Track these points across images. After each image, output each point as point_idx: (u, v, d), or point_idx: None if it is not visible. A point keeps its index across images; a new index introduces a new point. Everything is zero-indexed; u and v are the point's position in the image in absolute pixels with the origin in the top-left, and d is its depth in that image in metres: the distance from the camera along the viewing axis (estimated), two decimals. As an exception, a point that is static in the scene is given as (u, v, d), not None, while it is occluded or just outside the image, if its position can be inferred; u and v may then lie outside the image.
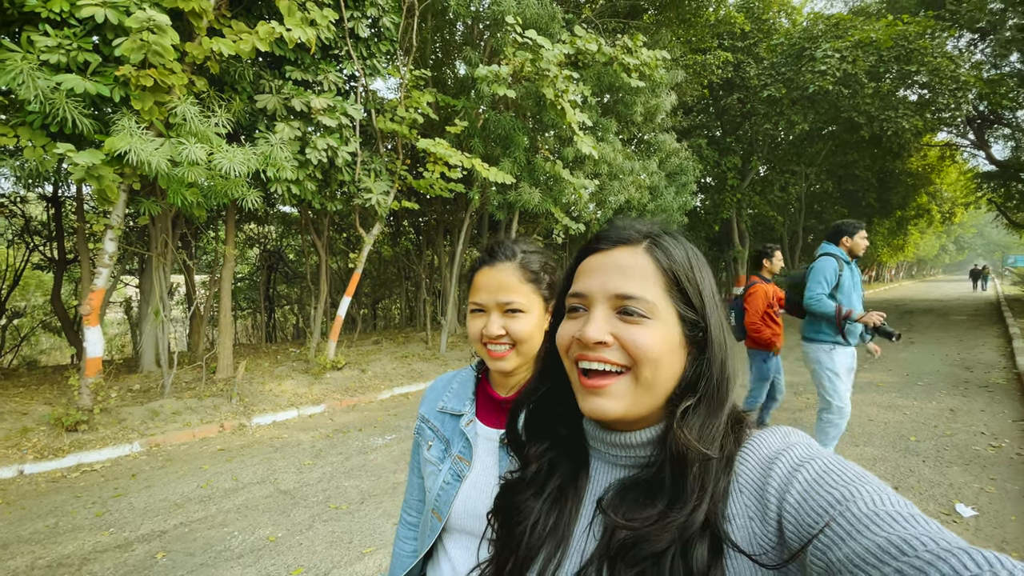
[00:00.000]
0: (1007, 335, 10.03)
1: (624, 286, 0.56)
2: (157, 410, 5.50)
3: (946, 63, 10.76)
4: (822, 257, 3.61)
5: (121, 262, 8.74)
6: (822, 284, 3.51)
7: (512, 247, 0.97)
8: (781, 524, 0.47)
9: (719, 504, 0.51)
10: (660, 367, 0.55)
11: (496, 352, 0.93)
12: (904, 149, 16.64)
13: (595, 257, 0.61)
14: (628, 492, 0.57)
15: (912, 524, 0.40)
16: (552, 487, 0.65)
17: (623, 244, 0.59)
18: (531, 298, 0.94)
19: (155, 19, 4.21)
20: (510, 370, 0.94)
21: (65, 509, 3.67)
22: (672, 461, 0.54)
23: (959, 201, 24.80)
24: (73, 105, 4.34)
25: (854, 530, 0.42)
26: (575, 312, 0.60)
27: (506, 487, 0.70)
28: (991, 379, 6.61)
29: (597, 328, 0.55)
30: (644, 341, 0.54)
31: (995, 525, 3.07)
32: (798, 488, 0.47)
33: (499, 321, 0.92)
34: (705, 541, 0.50)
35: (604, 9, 10.16)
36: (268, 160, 5.38)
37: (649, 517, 0.52)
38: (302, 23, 5.33)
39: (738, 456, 0.54)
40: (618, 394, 0.55)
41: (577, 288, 0.60)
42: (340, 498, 3.74)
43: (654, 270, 0.57)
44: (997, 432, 4.64)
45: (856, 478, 0.46)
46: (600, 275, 0.58)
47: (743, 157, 16.05)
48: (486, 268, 0.95)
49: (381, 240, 12.80)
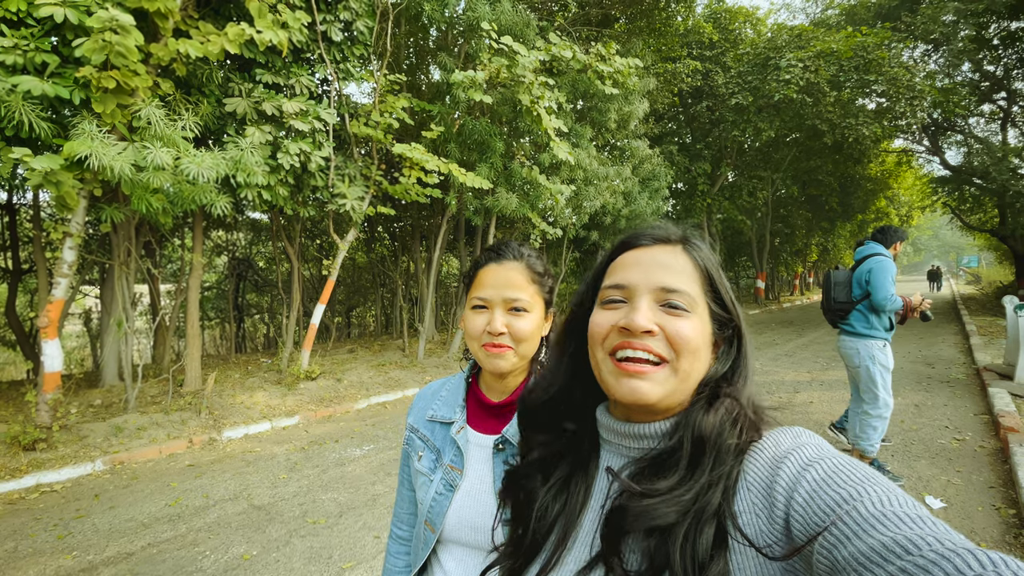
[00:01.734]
0: (964, 332, 10.50)
1: (669, 280, 0.59)
2: (121, 426, 5.27)
3: (902, 73, 11.26)
4: (880, 258, 3.66)
5: (81, 272, 8.38)
6: (892, 284, 3.58)
7: (518, 248, 0.97)
8: (788, 522, 0.48)
9: (730, 495, 0.52)
10: (698, 359, 0.58)
11: (496, 350, 0.91)
12: (864, 155, 17.36)
13: (635, 252, 0.63)
14: (643, 468, 0.59)
15: (918, 524, 0.41)
16: (560, 472, 0.67)
17: (663, 243, 0.63)
18: (535, 299, 0.94)
19: (118, 19, 4.06)
20: (507, 370, 0.93)
21: (24, 532, 3.47)
22: (693, 441, 0.56)
23: (916, 205, 25.95)
24: (30, 108, 4.15)
25: (860, 529, 0.42)
26: (612, 304, 0.62)
27: (512, 472, 0.73)
28: (952, 375, 6.89)
29: (645, 316, 0.58)
30: (687, 332, 0.57)
31: (963, 516, 3.18)
32: (806, 487, 0.48)
33: (503, 318, 0.91)
34: (712, 528, 0.51)
35: (577, 17, 10.27)
36: (238, 165, 5.23)
37: (661, 488, 0.54)
38: (273, 25, 5.23)
39: (748, 453, 0.55)
40: (658, 380, 0.57)
41: (617, 280, 0.62)
42: (317, 512, 3.63)
43: (692, 268, 0.61)
44: (960, 426, 4.83)
45: (865, 479, 0.47)
46: (643, 269, 0.61)
47: (712, 163, 16.44)
48: (492, 265, 0.94)
49: (356, 246, 12.60)
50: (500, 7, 7.54)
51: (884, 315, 3.69)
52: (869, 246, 3.83)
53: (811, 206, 22.18)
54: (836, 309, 3.90)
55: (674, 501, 0.52)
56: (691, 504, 0.52)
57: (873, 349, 3.67)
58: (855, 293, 3.78)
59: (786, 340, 11.00)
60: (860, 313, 3.73)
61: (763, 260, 20.75)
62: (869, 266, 3.68)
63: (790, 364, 8.23)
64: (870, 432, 3.70)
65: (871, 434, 3.69)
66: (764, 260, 20.81)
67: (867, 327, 3.71)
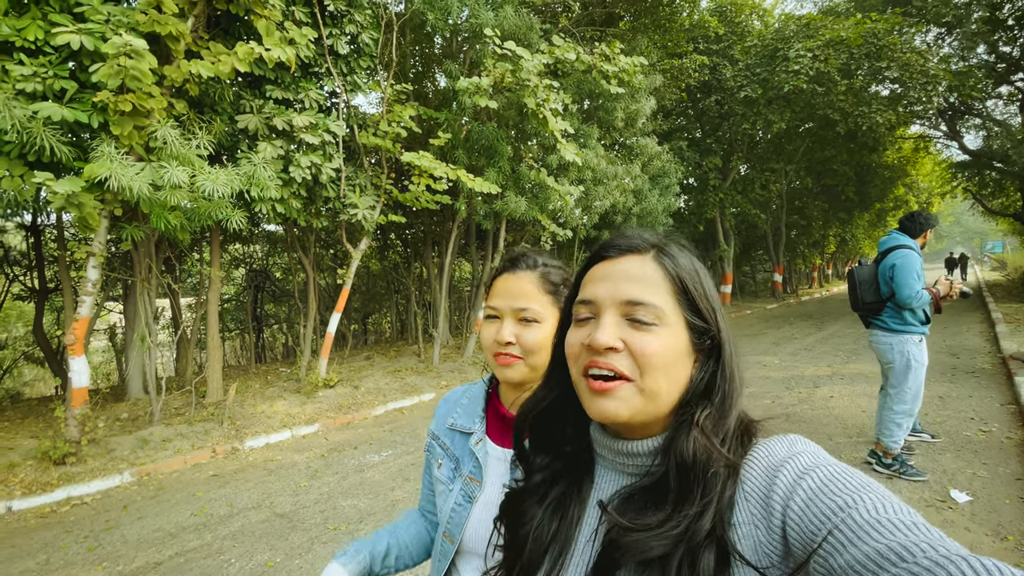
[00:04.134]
0: (990, 320, 10.23)
1: (633, 292, 0.57)
2: (147, 438, 5.40)
3: (915, 58, 11.04)
4: (903, 251, 3.49)
5: (104, 289, 8.61)
6: (919, 280, 3.43)
7: (535, 258, 0.96)
8: (785, 531, 0.48)
9: (725, 513, 0.51)
10: (666, 376, 0.56)
11: (505, 360, 0.91)
12: (879, 143, 17.02)
13: (603, 265, 0.61)
14: (633, 497, 0.57)
15: (914, 531, 0.41)
16: (555, 494, 0.66)
17: (631, 252, 0.60)
18: (548, 309, 0.92)
19: (132, 44, 4.18)
20: (517, 380, 0.92)
21: (56, 545, 3.58)
22: (677, 469, 0.54)
23: (935, 191, 25.35)
24: (51, 133, 4.29)
25: (856, 536, 0.42)
26: (583, 320, 0.61)
27: (511, 494, 0.71)
28: (977, 364, 6.73)
29: (607, 333, 0.56)
30: (652, 348, 0.55)
31: (990, 509, 3.12)
32: (802, 495, 0.48)
33: (512, 328, 0.91)
34: (712, 551, 0.50)
35: (580, 18, 10.28)
36: (251, 180, 5.34)
37: (651, 523, 0.53)
38: (281, 42, 5.33)
39: (744, 464, 0.54)
40: (624, 398, 0.56)
41: (585, 295, 0.61)
42: (338, 519, 3.69)
43: (662, 277, 0.58)
44: (986, 417, 4.72)
45: (861, 486, 0.47)
46: (609, 282, 0.59)
47: (723, 157, 16.28)
48: (507, 275, 0.95)
49: (369, 254, 12.74)
50: (503, 12, 7.58)
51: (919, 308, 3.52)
52: (893, 236, 3.65)
53: (827, 197, 21.78)
54: (866, 308, 3.76)
55: (664, 535, 0.51)
56: (683, 535, 0.51)
57: (907, 344, 3.54)
58: (883, 290, 3.63)
59: (805, 334, 10.83)
60: (891, 309, 3.58)
61: (779, 253, 20.44)
62: (892, 261, 3.52)
63: (810, 358, 8.11)
64: (894, 428, 3.61)
65: (895, 431, 3.60)
66: (780, 253, 20.51)
67: (900, 323, 3.55)
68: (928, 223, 3.64)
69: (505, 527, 0.69)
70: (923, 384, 3.61)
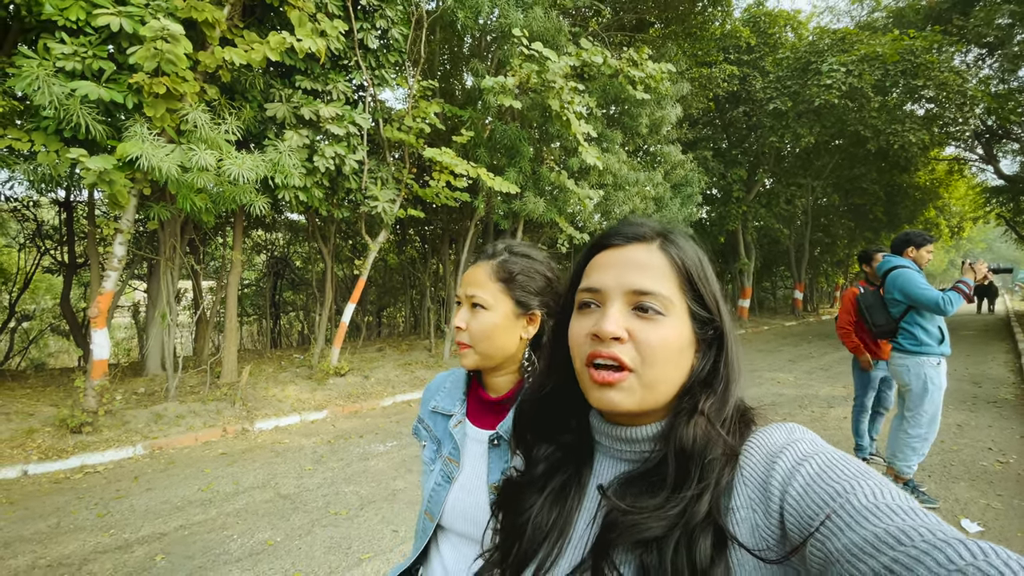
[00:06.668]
0: (1016, 351, 9.92)
1: (641, 282, 0.56)
2: (161, 413, 5.54)
3: (953, 78, 10.75)
4: (900, 270, 3.44)
5: (130, 267, 8.84)
6: (927, 286, 3.33)
7: (498, 247, 0.99)
8: (783, 516, 0.48)
9: (722, 498, 0.52)
10: (670, 366, 0.56)
11: (460, 348, 0.95)
12: (911, 163, 16.61)
13: (608, 253, 0.61)
14: (631, 482, 0.58)
15: (911, 516, 0.41)
16: (556, 483, 0.66)
17: (637, 240, 0.60)
18: (497, 297, 0.94)
19: (169, 28, 4.31)
20: (471, 367, 0.96)
21: (67, 510, 3.69)
22: (676, 455, 0.54)
23: (967, 215, 24.66)
24: (87, 111, 4.43)
25: (853, 521, 0.42)
26: (587, 308, 0.60)
27: (509, 484, 0.71)
28: (1000, 395, 6.54)
29: (614, 322, 0.55)
30: (656, 339, 0.55)
31: (1001, 540, 3.02)
32: (800, 481, 0.48)
33: (464, 315, 0.94)
34: (709, 535, 0.50)
35: (611, 23, 10.25)
36: (276, 167, 5.45)
37: (648, 505, 0.53)
38: (312, 34, 5.43)
39: (743, 450, 0.54)
40: (628, 389, 0.56)
41: (590, 283, 0.60)
42: (340, 504, 3.74)
43: (668, 267, 0.58)
44: (1005, 448, 4.58)
45: (858, 473, 0.47)
46: (615, 270, 0.58)
47: (749, 169, 16.06)
48: (472, 264, 0.99)
49: (387, 248, 12.86)
50: (532, 14, 7.60)
51: (933, 326, 3.44)
52: (886, 260, 3.66)
53: (854, 215, 21.33)
54: (880, 332, 3.72)
55: (661, 517, 0.52)
56: (679, 517, 0.51)
57: (924, 367, 3.45)
58: (893, 312, 3.59)
59: (822, 353, 10.63)
60: (905, 331, 3.53)
61: (802, 270, 20.10)
62: (891, 281, 3.51)
63: (825, 378, 7.96)
64: (908, 453, 3.50)
65: (909, 455, 3.50)
66: (803, 270, 20.16)
67: (915, 344, 3.48)
68: (910, 240, 3.57)
69: (503, 515, 0.69)
70: (940, 409, 3.51)
